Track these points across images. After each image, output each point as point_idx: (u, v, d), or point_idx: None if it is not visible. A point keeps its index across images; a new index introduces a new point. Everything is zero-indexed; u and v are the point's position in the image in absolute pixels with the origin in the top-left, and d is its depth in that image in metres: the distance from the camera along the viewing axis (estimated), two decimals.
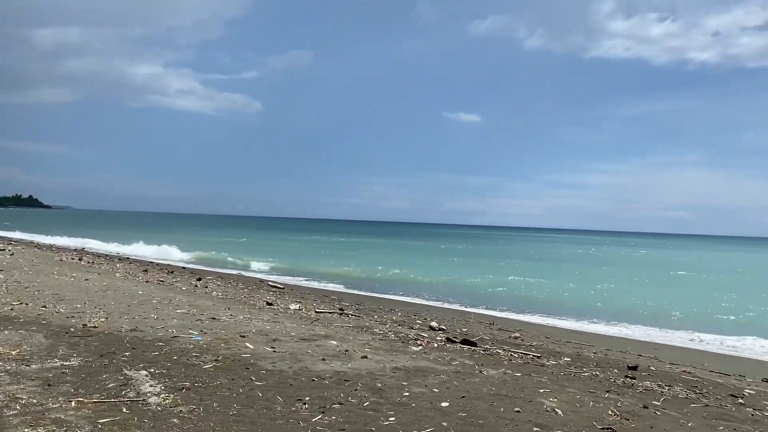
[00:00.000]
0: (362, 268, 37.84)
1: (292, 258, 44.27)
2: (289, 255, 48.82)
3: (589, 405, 7.25)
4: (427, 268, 40.37)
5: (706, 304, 27.00)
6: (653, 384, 9.38)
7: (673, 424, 6.71)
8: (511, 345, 12.55)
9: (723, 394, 9.28)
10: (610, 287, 33.26)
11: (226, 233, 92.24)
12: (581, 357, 12.07)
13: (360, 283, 29.45)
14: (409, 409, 6.48)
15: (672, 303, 26.88)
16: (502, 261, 53.30)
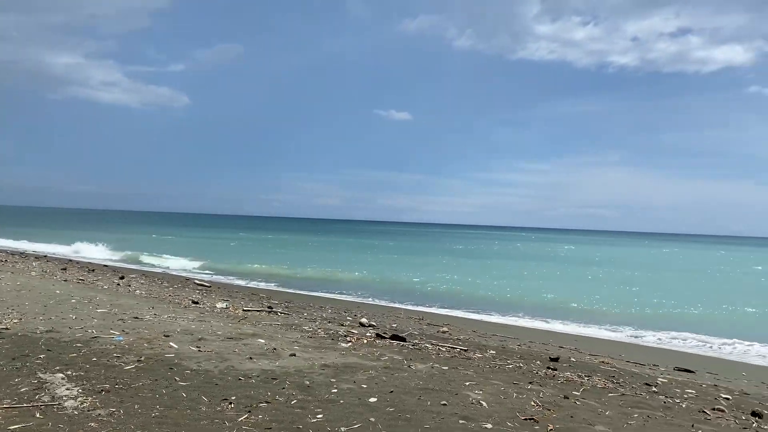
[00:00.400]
0: (292, 266, 37.52)
1: (219, 256, 43.38)
2: (217, 253, 47.84)
3: (513, 396, 7.45)
4: (358, 265, 40.44)
5: (624, 299, 28.22)
6: (574, 375, 9.73)
7: (591, 413, 6.98)
8: (440, 339, 12.74)
9: (638, 383, 9.73)
10: (536, 283, 34.26)
11: (151, 230, 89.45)
12: (506, 349, 12.38)
13: (290, 281, 29.21)
14: (337, 406, 6.47)
15: (593, 297, 27.97)
16: (433, 258, 54.02)
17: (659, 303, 27.34)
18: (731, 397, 9.37)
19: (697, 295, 31.53)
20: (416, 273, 36.54)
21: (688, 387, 9.93)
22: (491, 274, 38.43)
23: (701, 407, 8.13)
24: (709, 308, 26.49)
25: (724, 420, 7.48)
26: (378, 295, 24.93)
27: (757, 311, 26.14)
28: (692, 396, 9.10)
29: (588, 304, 25.87)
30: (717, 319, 23.38)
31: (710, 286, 37.06)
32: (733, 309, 26.50)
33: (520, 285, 32.21)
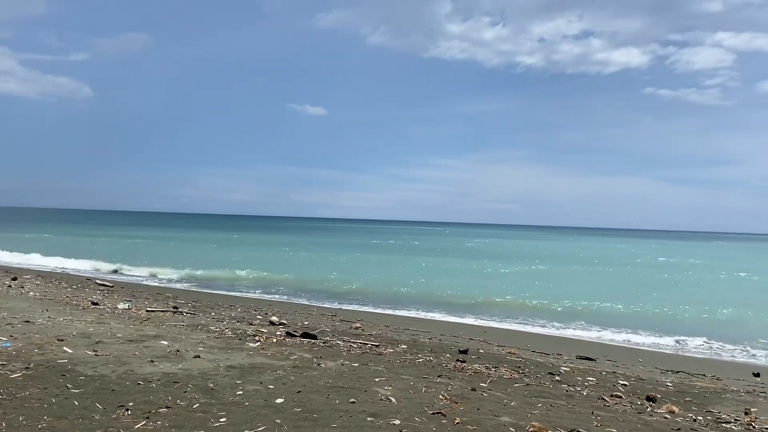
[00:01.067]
0: (201, 264, 36.42)
1: (122, 255, 41.51)
2: (120, 251, 45.80)
3: (422, 391, 7.47)
4: (272, 263, 39.81)
5: (531, 291, 29.19)
6: (481, 366, 9.91)
7: (497, 405, 7.10)
8: (352, 335, 12.67)
9: (543, 373, 10.03)
10: (451, 277, 34.86)
11: (49, 229, 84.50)
12: (417, 344, 12.47)
13: (198, 280, 28.33)
14: (241, 409, 6.26)
15: (503, 290, 28.77)
16: (348, 254, 53.94)
17: (566, 294, 28.46)
18: (628, 383, 9.83)
19: (601, 286, 33.10)
20: (331, 269, 36.36)
21: (589, 375, 10.34)
22: (407, 270, 38.80)
23: (600, 394, 8.46)
24: (612, 299, 27.84)
25: (621, 406, 7.81)
26: (292, 293, 24.60)
27: (657, 302, 27.71)
28: (593, 383, 9.47)
29: (499, 296, 26.57)
30: (618, 309, 24.59)
31: (614, 278, 39.00)
32: (634, 300, 27.97)
33: (434, 280, 32.68)
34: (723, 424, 7.27)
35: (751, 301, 28.85)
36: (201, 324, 12.75)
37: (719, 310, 25.46)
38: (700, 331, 19.15)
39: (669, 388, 9.67)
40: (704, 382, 10.94)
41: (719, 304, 27.44)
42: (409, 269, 38.95)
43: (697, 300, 28.59)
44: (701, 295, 30.56)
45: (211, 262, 38.41)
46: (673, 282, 37.72)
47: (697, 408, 8.20)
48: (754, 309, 26.00)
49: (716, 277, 43.35)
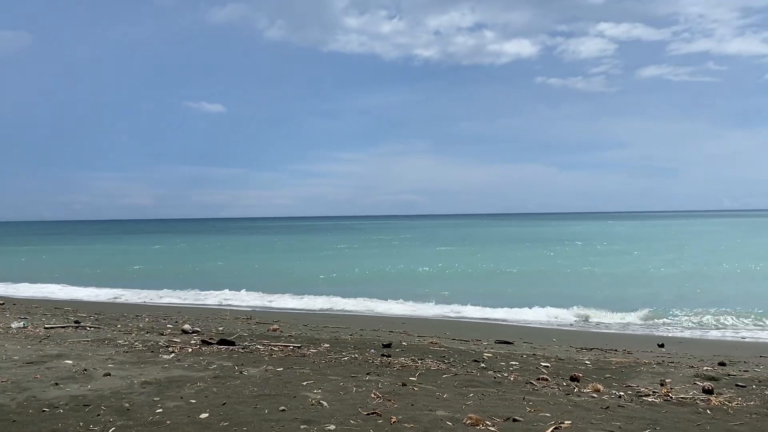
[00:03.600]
0: (100, 272, 34.48)
1: (11, 269, 38.64)
2: (8, 265, 42.67)
3: (353, 391, 7.25)
4: (175, 265, 38.30)
5: (444, 277, 29.63)
6: (408, 359, 9.81)
7: (430, 398, 7.00)
8: (271, 338, 12.25)
9: (468, 361, 10.07)
10: (363, 268, 34.80)
11: None
12: (339, 341, 12.23)
13: (98, 290, 26.73)
14: (163, 428, 5.80)
15: (414, 277, 29.02)
16: (254, 253, 52.85)
17: (474, 277, 29.10)
18: (550, 364, 10.04)
19: (510, 268, 34.13)
20: (239, 269, 35.42)
21: (512, 359, 10.49)
22: (319, 262, 38.43)
23: (527, 378, 8.56)
24: (520, 280, 28.74)
25: (549, 388, 7.92)
26: (201, 298, 23.69)
27: (556, 282, 28.83)
28: (517, 368, 9.60)
29: (411, 284, 26.77)
30: (524, 289, 25.38)
31: (521, 260, 40.33)
32: (540, 280, 29.00)
33: (347, 270, 32.52)
34: (644, 397, 7.52)
35: (641, 275, 30.65)
36: (107, 338, 11.91)
37: (619, 285, 26.86)
38: (603, 306, 20.07)
39: (588, 367, 9.96)
40: (618, 358, 11.38)
41: (613, 279, 28.97)
42: (322, 262, 38.62)
43: (594, 276, 30.07)
44: (596, 272, 32.17)
45: (108, 267, 36.45)
46: (566, 260, 39.51)
47: (617, 384, 8.46)
48: (645, 282, 27.62)
49: (604, 253, 45.79)
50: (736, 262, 35.77)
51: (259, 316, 18.02)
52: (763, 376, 9.38)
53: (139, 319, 16.34)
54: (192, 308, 20.55)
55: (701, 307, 20.10)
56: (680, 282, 27.54)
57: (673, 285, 26.59)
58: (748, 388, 8.36)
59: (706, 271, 32.32)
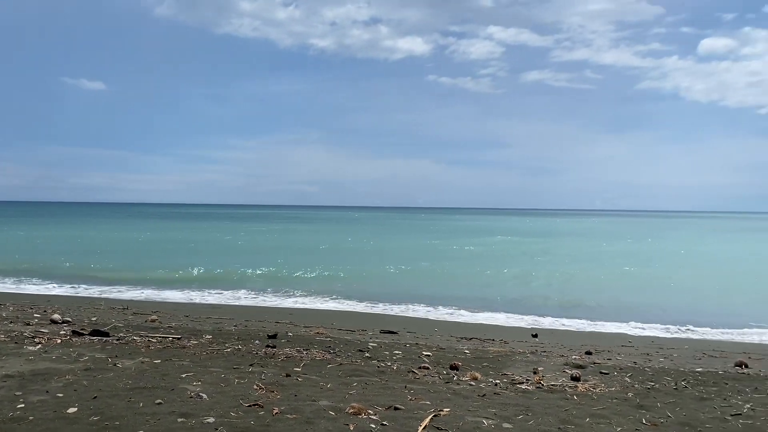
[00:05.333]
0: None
1: None
2: None
3: (234, 382, 7.09)
4: (44, 254, 35.81)
5: (329, 269, 29.65)
6: (293, 350, 9.73)
7: (314, 389, 6.98)
8: (149, 330, 11.74)
9: (353, 351, 10.13)
10: (251, 259, 34.10)
11: None
12: (223, 332, 11.93)
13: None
14: (25, 425, 5.39)
15: (303, 270, 28.84)
16: (134, 242, 50.46)
17: (361, 269, 29.36)
18: (432, 353, 10.31)
19: (394, 260, 34.69)
20: (118, 258, 33.68)
21: (396, 348, 10.67)
22: (202, 254, 37.27)
23: (409, 367, 8.75)
24: (402, 273, 29.31)
25: (430, 377, 8.13)
26: (74, 285, 22.29)
27: (437, 275, 29.65)
28: (400, 357, 9.78)
29: (300, 276, 26.60)
30: (415, 281, 25.93)
31: (406, 253, 41.10)
32: (420, 272, 29.71)
33: (233, 262, 31.76)
34: (518, 385, 7.89)
35: (528, 269, 32.20)
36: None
37: (498, 277, 28.06)
38: (478, 297, 20.91)
39: (467, 355, 10.32)
40: (495, 347, 11.89)
41: (492, 271, 30.27)
42: (205, 254, 37.47)
43: (473, 268, 31.26)
44: (478, 265, 33.47)
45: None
46: (446, 253, 40.86)
47: (494, 372, 8.82)
48: (528, 276, 29.06)
49: (488, 248, 47.76)
50: (607, 262, 38.40)
51: (136, 306, 17.21)
52: (624, 364, 10.13)
53: (3, 308, 15.12)
54: (63, 297, 19.30)
55: (573, 299, 21.43)
56: (556, 275, 29.20)
57: (549, 278, 28.15)
58: (611, 375, 8.99)
59: (581, 268, 34.44)
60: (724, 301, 22.34)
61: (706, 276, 30.34)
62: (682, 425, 6.12)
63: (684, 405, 7.01)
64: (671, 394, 7.61)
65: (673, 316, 18.15)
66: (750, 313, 19.38)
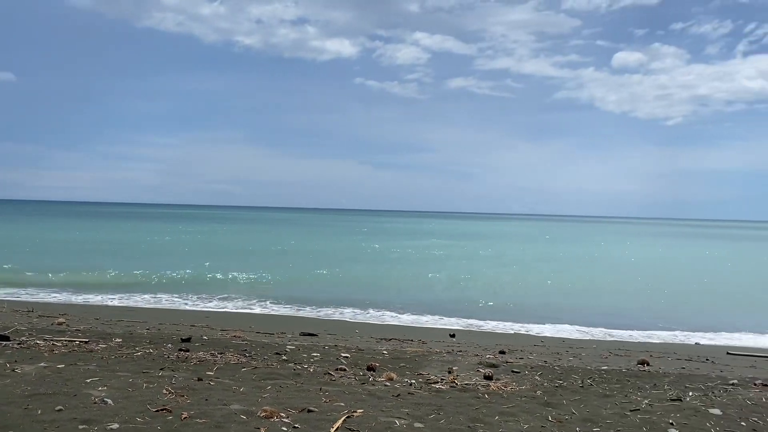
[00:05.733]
0: None
1: None
2: None
3: (143, 387, 6.86)
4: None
5: (255, 272, 29.17)
6: (207, 354, 9.50)
7: (226, 392, 6.85)
8: (54, 333, 11.18)
9: (269, 354, 10.00)
10: (172, 261, 33.10)
11: None
12: (134, 336, 11.51)
13: None
14: None
15: (228, 272, 28.25)
16: (46, 242, 48.03)
17: (288, 272, 29.05)
18: (350, 355, 10.31)
19: (322, 263, 34.52)
20: (27, 259, 31.92)
21: (314, 350, 10.61)
22: (118, 255, 35.88)
23: (326, 369, 8.72)
24: (330, 275, 29.21)
25: (346, 378, 8.13)
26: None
27: (366, 277, 29.75)
28: (318, 359, 9.73)
29: (219, 279, 26.04)
30: (338, 283, 25.88)
31: (334, 255, 40.98)
32: (347, 275, 29.71)
33: (153, 263, 30.72)
34: (433, 384, 8.01)
35: (456, 273, 32.73)
36: None
37: (422, 280, 28.43)
38: (403, 299, 21.13)
39: (385, 356, 10.39)
40: (413, 347, 12.02)
41: (413, 274, 30.65)
42: (122, 254, 36.09)
43: (403, 270, 31.57)
44: (407, 267, 33.83)
45: None
46: (380, 256, 41.12)
47: (410, 372, 8.92)
48: (452, 279, 29.56)
49: (411, 253, 48.35)
50: (526, 264, 39.58)
51: (43, 308, 16.36)
52: (535, 363, 10.47)
53: None
54: None
55: (493, 300, 21.98)
56: (479, 278, 29.87)
57: (473, 280, 28.76)
58: (522, 373, 9.27)
59: (503, 270, 35.35)
60: (633, 302, 23.50)
61: (618, 278, 31.80)
62: (585, 421, 6.38)
63: (588, 402, 7.31)
64: (577, 392, 7.92)
65: (585, 317, 18.93)
66: (657, 313, 20.49)
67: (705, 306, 23.08)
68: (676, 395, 7.80)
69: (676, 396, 7.75)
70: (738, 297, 25.95)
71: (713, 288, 28.96)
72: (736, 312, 21.40)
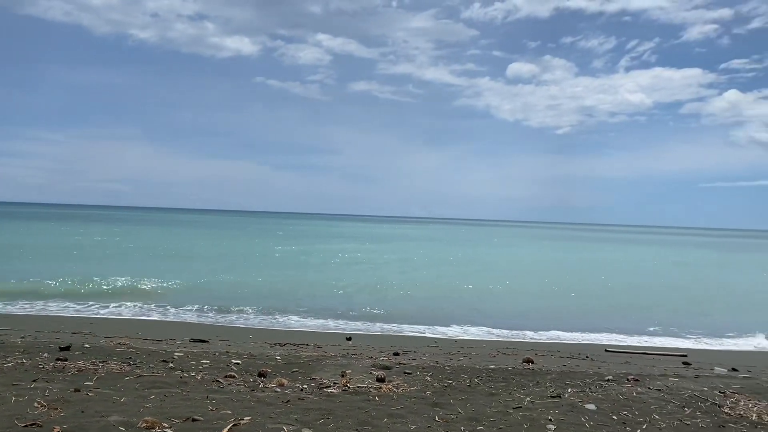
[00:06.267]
0: None
1: None
2: None
3: (11, 401, 6.39)
4: None
5: (155, 276, 27.94)
6: (87, 363, 9.00)
7: (106, 403, 6.51)
8: None
9: (156, 361, 9.61)
10: (53, 264, 31.11)
11: None
12: (6, 345, 10.73)
13: None
14: None
15: (113, 276, 26.89)
16: None
17: (186, 277, 28.03)
18: (241, 361, 10.10)
19: (221, 267, 33.59)
20: None
21: (203, 357, 10.31)
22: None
23: (215, 376, 8.48)
24: (226, 280, 28.48)
25: (235, 385, 7.94)
26: None
27: (268, 281, 29.25)
28: (207, 366, 9.46)
29: (114, 284, 24.77)
30: (229, 288, 25.26)
31: (236, 259, 39.97)
32: (247, 277, 29.10)
33: (33, 269, 28.73)
34: (325, 389, 7.98)
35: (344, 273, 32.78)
36: None
37: (327, 283, 28.30)
38: (306, 305, 20.99)
39: (278, 361, 10.26)
40: (308, 351, 11.95)
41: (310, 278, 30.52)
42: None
43: (294, 274, 31.32)
44: (307, 272, 33.60)
45: None
46: (285, 259, 40.60)
47: (303, 377, 8.85)
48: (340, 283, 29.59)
49: (312, 257, 48.16)
50: (426, 267, 40.32)
51: None
52: (427, 364, 10.69)
53: None
54: None
55: (390, 302, 22.23)
56: (383, 281, 30.11)
57: (378, 284, 28.95)
58: (414, 374, 9.43)
59: (403, 273, 35.83)
60: (523, 302, 24.51)
61: (510, 280, 33.06)
62: (471, 420, 6.57)
63: (474, 401, 7.55)
64: (465, 391, 8.16)
65: (477, 318, 19.56)
66: (545, 313, 21.48)
67: (590, 306, 24.43)
68: (556, 392, 8.21)
69: (556, 393, 8.15)
70: (619, 298, 27.66)
71: (599, 289, 30.72)
72: (617, 312, 22.83)
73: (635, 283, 34.49)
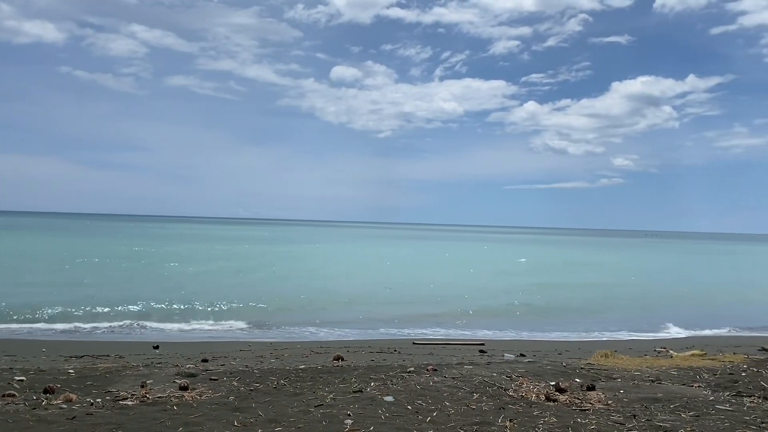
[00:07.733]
0: None
1: None
2: None
3: None
4: None
5: None
6: None
7: None
8: None
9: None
10: None
11: None
12: None
13: None
14: None
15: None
16: None
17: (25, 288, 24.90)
18: (26, 377, 9.20)
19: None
20: None
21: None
22: None
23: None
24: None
25: (14, 405, 7.22)
26: None
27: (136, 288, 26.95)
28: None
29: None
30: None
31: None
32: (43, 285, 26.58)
33: None
34: (121, 401, 7.53)
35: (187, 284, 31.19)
36: None
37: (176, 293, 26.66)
38: (113, 312, 19.64)
39: (71, 375, 9.50)
40: (107, 363, 11.20)
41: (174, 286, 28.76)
42: None
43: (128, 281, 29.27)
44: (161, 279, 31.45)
45: None
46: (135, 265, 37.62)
47: (97, 390, 8.28)
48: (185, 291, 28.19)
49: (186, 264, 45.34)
50: (252, 269, 39.55)
51: None
52: (236, 369, 10.52)
53: None
54: None
55: (200, 305, 21.53)
56: (201, 282, 28.98)
57: (199, 285, 27.80)
58: (220, 380, 9.22)
59: (216, 273, 34.81)
60: (328, 301, 24.93)
61: (327, 279, 33.58)
62: (270, 422, 6.58)
63: (278, 402, 7.56)
64: (270, 393, 8.15)
65: (296, 319, 19.64)
66: (360, 310, 22.11)
67: (406, 300, 25.54)
68: (359, 387, 8.49)
69: (359, 388, 8.43)
70: (431, 291, 29.28)
71: (423, 284, 32.23)
72: (439, 304, 24.16)
73: (442, 279, 36.76)
